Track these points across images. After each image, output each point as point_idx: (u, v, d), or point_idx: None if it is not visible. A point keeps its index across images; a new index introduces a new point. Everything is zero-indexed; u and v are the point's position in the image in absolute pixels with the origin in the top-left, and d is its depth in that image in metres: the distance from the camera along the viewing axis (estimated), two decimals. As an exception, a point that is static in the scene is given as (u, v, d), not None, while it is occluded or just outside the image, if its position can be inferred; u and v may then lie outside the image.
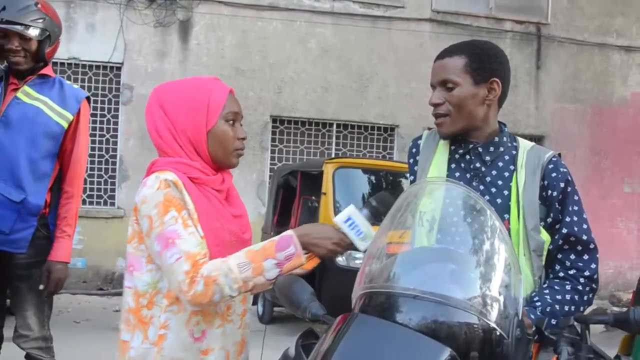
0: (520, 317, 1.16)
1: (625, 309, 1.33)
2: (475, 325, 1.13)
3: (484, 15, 9.81)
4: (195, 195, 1.57)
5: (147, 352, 1.57)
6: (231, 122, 1.65)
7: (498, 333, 1.13)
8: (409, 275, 1.21)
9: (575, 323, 1.20)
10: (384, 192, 1.65)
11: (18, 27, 2.49)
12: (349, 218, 1.54)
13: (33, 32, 2.52)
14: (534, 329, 1.32)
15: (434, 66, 1.78)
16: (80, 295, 8.02)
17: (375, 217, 1.58)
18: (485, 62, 1.74)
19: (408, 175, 1.92)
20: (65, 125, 2.60)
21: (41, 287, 2.56)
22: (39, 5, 2.57)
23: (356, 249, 1.55)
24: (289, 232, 1.55)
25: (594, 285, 1.72)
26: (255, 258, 1.49)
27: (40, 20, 2.55)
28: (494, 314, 1.15)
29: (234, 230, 1.64)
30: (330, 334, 1.16)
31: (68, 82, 2.73)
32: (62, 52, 8.34)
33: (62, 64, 8.48)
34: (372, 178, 7.07)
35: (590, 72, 10.21)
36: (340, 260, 6.11)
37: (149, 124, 1.66)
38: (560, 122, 10.03)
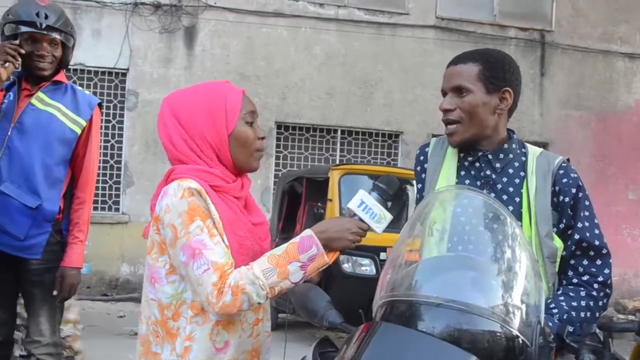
0: (542, 325, 1.16)
1: (631, 317, 1.33)
2: (498, 333, 1.13)
3: (488, 22, 9.84)
4: (218, 203, 1.55)
5: None
6: (250, 122, 1.63)
7: (521, 341, 1.13)
8: (431, 283, 1.21)
9: (598, 330, 1.20)
10: (389, 175, 1.65)
11: (59, 34, 2.55)
12: (361, 202, 1.54)
13: (65, 39, 2.59)
14: (552, 336, 1.32)
15: (447, 72, 1.78)
16: (85, 300, 8.01)
17: (385, 199, 1.58)
18: (499, 71, 1.74)
19: (415, 183, 1.92)
20: (79, 131, 2.62)
21: (55, 292, 2.56)
22: (64, 13, 2.64)
23: (374, 232, 1.55)
24: (308, 232, 1.54)
25: (607, 291, 1.72)
26: (280, 262, 1.49)
27: (70, 28, 2.62)
28: (516, 321, 1.15)
29: (255, 239, 1.63)
30: (353, 343, 1.16)
31: (80, 88, 2.75)
32: (68, 58, 8.37)
33: (68, 69, 8.45)
34: (378, 184, 7.06)
35: (594, 79, 10.23)
36: (346, 266, 6.11)
37: (162, 135, 1.62)
38: (564, 129, 10.03)
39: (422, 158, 1.90)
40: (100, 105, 2.73)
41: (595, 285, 1.71)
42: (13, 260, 2.56)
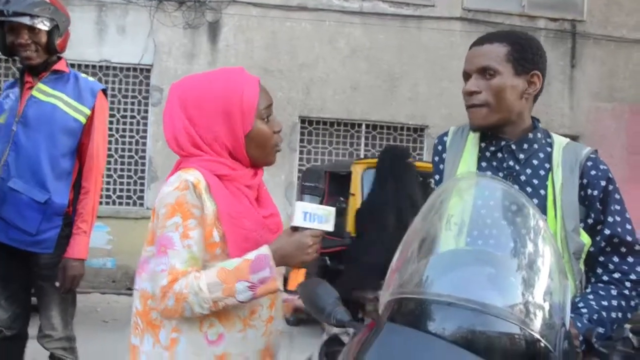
0: (567, 328, 1.05)
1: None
2: (517, 336, 1.01)
3: (516, 13, 9.59)
4: (221, 196, 1.48)
5: (160, 356, 1.49)
6: (266, 118, 1.55)
7: (543, 345, 1.01)
8: (443, 279, 1.09)
9: (631, 335, 1.08)
10: (307, 168, 1.59)
11: (26, 19, 2.43)
12: (304, 214, 1.48)
13: (41, 23, 2.46)
14: (581, 339, 1.21)
15: (471, 52, 1.66)
16: (110, 295, 8.08)
17: (319, 195, 1.53)
18: (527, 53, 1.63)
19: (432, 174, 1.81)
20: (83, 120, 2.53)
21: (57, 284, 2.51)
22: None
23: (328, 234, 1.52)
24: (264, 251, 1.46)
25: None
26: (228, 279, 1.42)
27: (46, 10, 2.49)
28: (538, 323, 1.03)
29: (265, 232, 1.55)
30: (356, 345, 1.06)
31: (84, 75, 2.65)
32: (94, 55, 8.46)
33: (94, 66, 8.58)
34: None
35: (628, 69, 9.89)
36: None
37: (167, 131, 1.53)
38: (596, 122, 9.73)
39: (440, 148, 1.79)
40: (104, 91, 2.62)
41: (627, 284, 1.59)
42: (24, 255, 2.52)
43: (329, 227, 1.49)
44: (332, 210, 1.50)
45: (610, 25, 9.83)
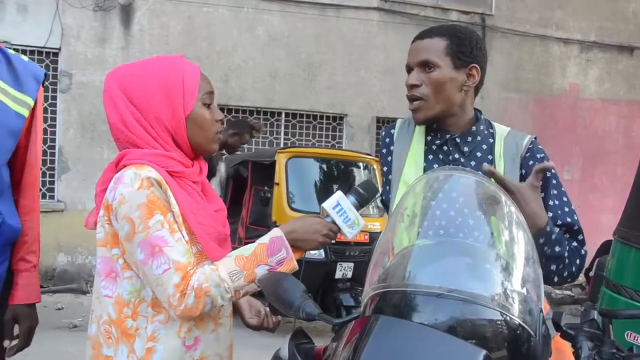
0: (544, 313, 1.11)
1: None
2: (503, 324, 1.05)
3: (431, 5, 9.89)
4: (178, 192, 1.44)
5: None
6: (207, 104, 1.52)
7: (525, 330, 1.06)
8: (427, 271, 1.12)
9: (596, 316, 1.15)
10: (369, 179, 1.62)
11: None
12: (337, 204, 1.48)
13: None
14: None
15: (413, 46, 1.73)
16: (19, 293, 7.61)
17: (361, 205, 1.54)
18: (466, 47, 1.71)
19: (380, 166, 1.85)
20: (26, 114, 1.86)
21: (7, 343, 1.85)
22: None
23: (344, 237, 1.52)
24: (277, 233, 1.47)
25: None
26: (247, 265, 1.41)
27: None
28: (519, 310, 1.08)
29: (218, 226, 1.52)
30: (347, 341, 1.06)
31: (13, 52, 1.92)
32: (-8, 36, 7.86)
33: (-7, 48, 7.98)
34: (325, 167, 7.01)
35: (532, 63, 10.49)
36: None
37: (111, 115, 1.47)
38: (504, 112, 10.26)
39: (387, 140, 1.83)
40: (46, 76, 2.00)
41: None
42: None
43: (349, 233, 1.49)
44: (361, 222, 1.50)
45: (516, 20, 10.37)
